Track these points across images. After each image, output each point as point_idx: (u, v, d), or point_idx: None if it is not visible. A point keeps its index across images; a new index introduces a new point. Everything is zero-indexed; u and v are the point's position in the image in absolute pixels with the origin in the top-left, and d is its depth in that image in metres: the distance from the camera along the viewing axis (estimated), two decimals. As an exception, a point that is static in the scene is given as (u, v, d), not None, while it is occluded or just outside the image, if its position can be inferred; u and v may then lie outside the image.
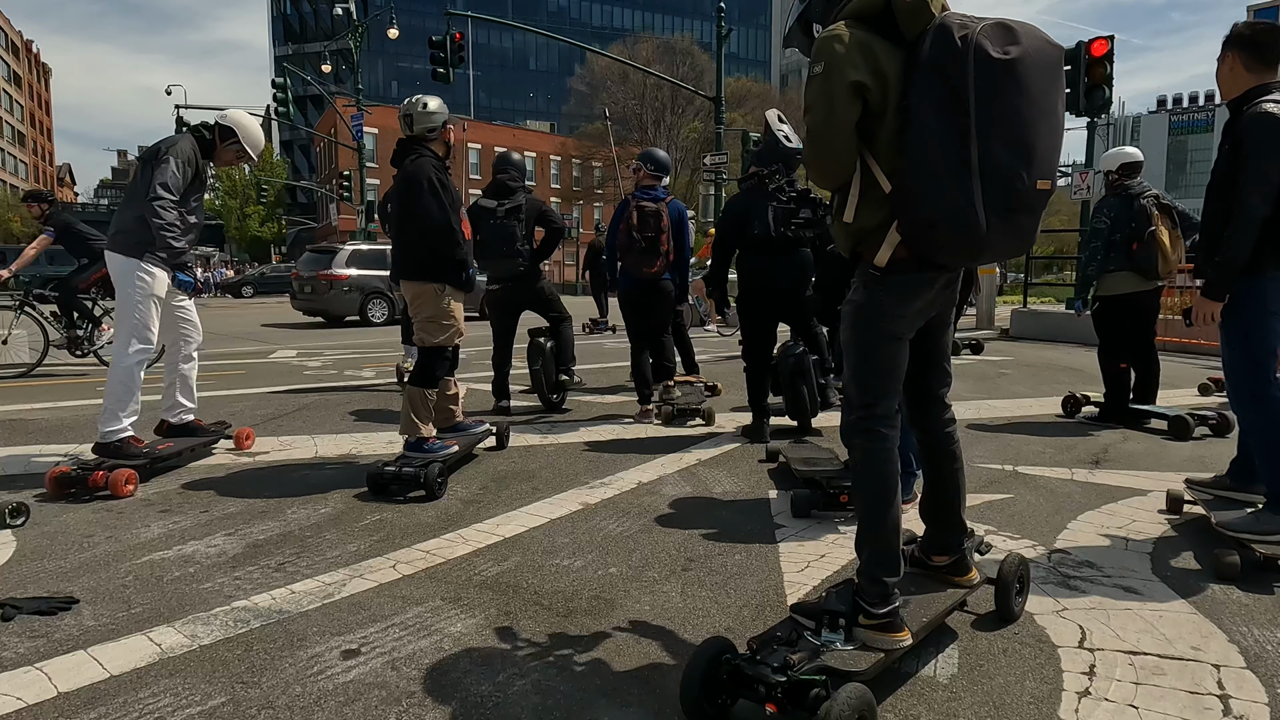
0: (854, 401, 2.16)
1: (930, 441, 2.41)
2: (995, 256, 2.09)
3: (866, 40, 1.98)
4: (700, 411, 5.63)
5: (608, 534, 3.33)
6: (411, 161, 4.08)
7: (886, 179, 2.02)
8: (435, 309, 4.16)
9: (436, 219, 4.00)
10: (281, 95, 24.21)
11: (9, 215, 53.82)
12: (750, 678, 1.90)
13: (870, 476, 2.13)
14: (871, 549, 2.10)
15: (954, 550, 2.40)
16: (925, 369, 2.31)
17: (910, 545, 2.49)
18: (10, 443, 4.95)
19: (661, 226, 5.53)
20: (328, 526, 3.41)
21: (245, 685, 2.12)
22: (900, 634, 2.06)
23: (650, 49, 46.54)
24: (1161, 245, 5.21)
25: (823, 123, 2.00)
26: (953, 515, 2.41)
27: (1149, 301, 5.55)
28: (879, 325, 2.11)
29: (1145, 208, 5.28)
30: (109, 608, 2.59)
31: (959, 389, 7.05)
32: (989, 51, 1.85)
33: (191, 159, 4.21)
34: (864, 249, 2.11)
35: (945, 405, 2.40)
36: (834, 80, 1.96)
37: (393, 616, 2.53)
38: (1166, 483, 3.96)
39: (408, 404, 4.12)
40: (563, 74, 67.49)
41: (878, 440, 2.12)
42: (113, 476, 3.78)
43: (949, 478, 2.40)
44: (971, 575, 2.42)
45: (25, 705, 2.01)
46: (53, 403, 6.30)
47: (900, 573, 2.12)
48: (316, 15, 69.92)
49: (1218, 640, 2.38)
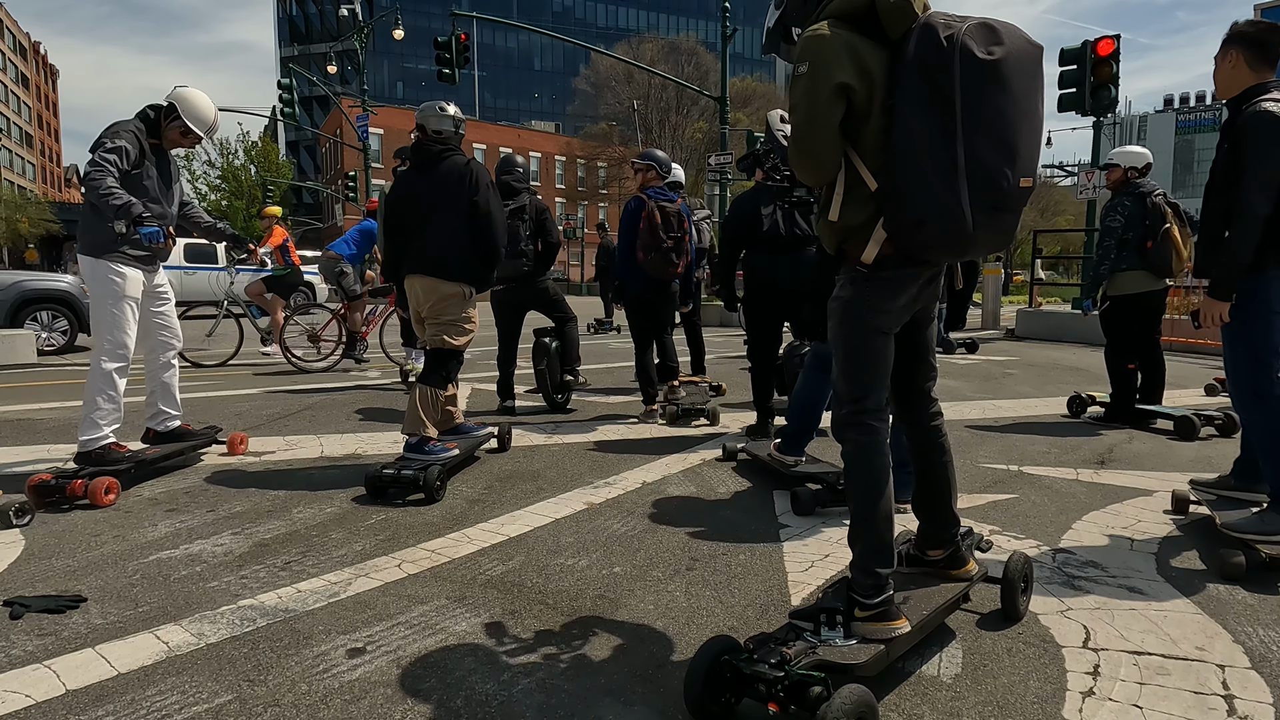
0: (844, 397, 2.18)
1: (918, 436, 2.43)
2: (978, 253, 2.14)
3: (851, 40, 1.98)
4: (705, 411, 5.64)
5: (612, 533, 3.34)
6: (466, 163, 4.11)
7: (872, 177, 2.03)
8: (460, 311, 4.18)
9: (500, 221, 4.08)
10: (287, 96, 24.24)
11: (17, 216, 54.00)
12: (749, 676, 1.91)
13: (863, 470, 2.15)
14: (864, 542, 2.13)
15: (949, 543, 2.43)
16: (910, 364, 2.34)
17: (905, 543, 2.52)
18: (18, 442, 4.98)
19: (684, 227, 5.55)
20: (333, 526, 3.43)
21: (251, 683, 2.13)
22: (898, 622, 2.08)
23: (655, 49, 46.51)
24: (1176, 243, 5.21)
25: (807, 123, 2.01)
26: (945, 509, 2.43)
27: (1156, 301, 5.54)
28: (866, 321, 2.13)
29: (1159, 205, 5.27)
30: (117, 606, 2.60)
31: (964, 389, 7.09)
32: (975, 52, 1.87)
33: (134, 138, 3.91)
34: (849, 246, 2.13)
35: (932, 399, 2.42)
36: (819, 81, 1.97)
37: (398, 615, 2.55)
38: (1172, 483, 3.96)
39: (415, 401, 4.10)
40: (567, 74, 67.53)
41: (869, 434, 2.14)
42: (92, 485, 3.61)
43: (939, 471, 2.42)
44: (969, 568, 2.44)
45: (35, 702, 2.03)
46: (60, 403, 6.34)
47: (893, 563, 2.14)
48: (322, 16, 70.11)
49: (1222, 640, 2.38)
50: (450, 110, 4.25)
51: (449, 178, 4.07)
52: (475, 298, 4.22)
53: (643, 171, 5.79)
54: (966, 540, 2.48)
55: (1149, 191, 5.34)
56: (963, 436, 5.15)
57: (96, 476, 3.69)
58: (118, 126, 3.95)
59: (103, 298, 3.98)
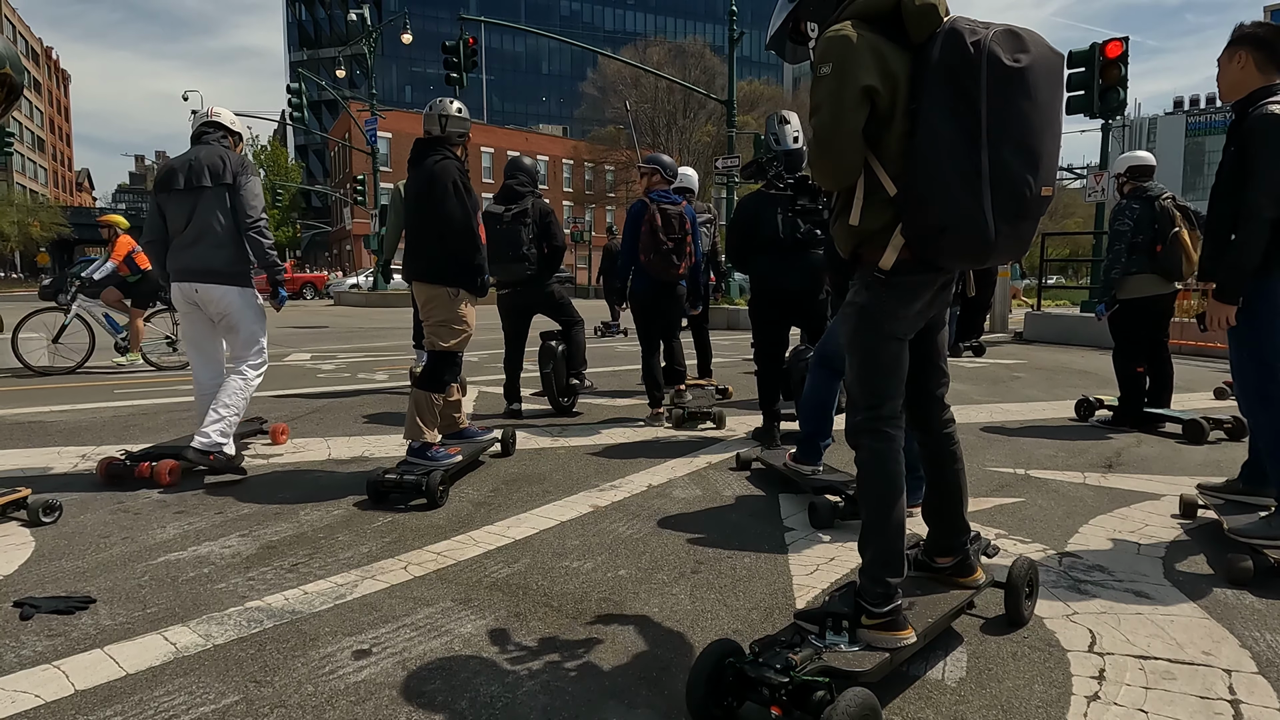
0: (860, 403, 2.16)
1: (931, 443, 2.41)
2: (997, 261, 2.12)
3: (875, 42, 1.96)
4: (711, 415, 5.64)
5: (617, 536, 3.34)
6: (436, 162, 4.03)
7: (892, 182, 2.02)
8: (448, 313, 4.12)
9: (459, 222, 3.97)
10: (296, 100, 24.40)
11: (29, 220, 54.42)
12: (754, 680, 1.91)
13: (877, 477, 2.13)
14: (875, 549, 2.10)
15: (958, 551, 2.40)
16: (922, 369, 2.32)
17: (913, 549, 2.48)
18: (30, 444, 5.02)
19: (686, 229, 5.56)
20: (340, 528, 3.45)
21: (258, 684, 2.14)
22: (904, 632, 2.06)
23: (662, 53, 46.63)
24: (1185, 246, 5.19)
25: (830, 125, 1.98)
26: (956, 516, 2.40)
27: (1165, 305, 5.52)
28: (882, 326, 2.11)
29: (1168, 209, 5.26)
30: (125, 607, 2.62)
31: (971, 393, 7.07)
32: (1002, 59, 1.86)
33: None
34: (866, 251, 2.12)
35: (944, 405, 2.40)
36: (844, 82, 1.94)
37: (404, 617, 2.56)
38: (1180, 487, 3.94)
39: (413, 407, 4.08)
40: (575, 78, 67.73)
41: (885, 440, 2.12)
42: (158, 467, 4.05)
43: (951, 478, 2.40)
44: (976, 576, 2.41)
45: (44, 702, 2.05)
46: (69, 405, 6.38)
47: (903, 573, 2.12)
48: (331, 21, 70.50)
49: (1229, 645, 2.37)
50: (450, 109, 4.17)
51: (420, 179, 4.06)
52: (465, 299, 4.13)
53: (648, 175, 5.82)
54: (974, 545, 2.46)
55: (1158, 195, 5.33)
56: (970, 440, 5.14)
57: (161, 459, 4.10)
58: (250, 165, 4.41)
59: (255, 321, 4.44)
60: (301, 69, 31.54)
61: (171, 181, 4.28)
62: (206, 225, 4.22)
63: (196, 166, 4.24)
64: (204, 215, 4.22)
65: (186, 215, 4.25)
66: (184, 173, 4.26)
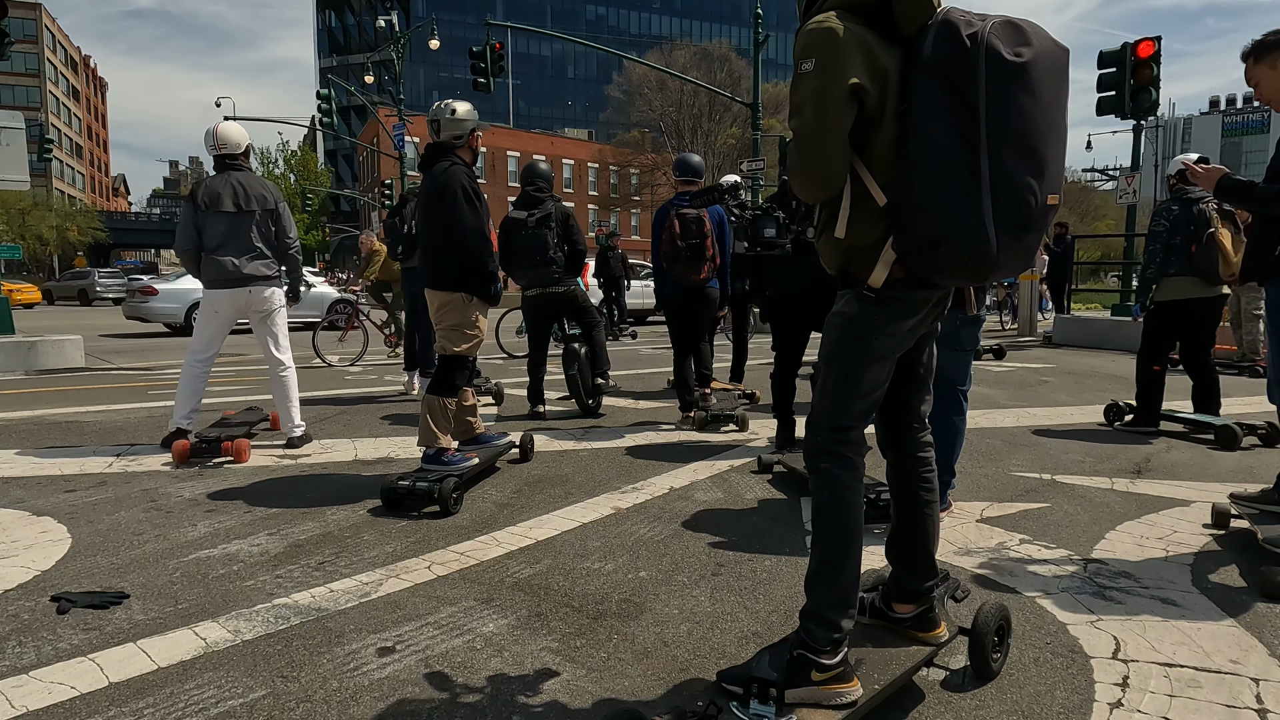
0: (823, 421, 1.92)
1: (903, 466, 2.15)
2: (998, 276, 1.87)
3: (863, 35, 1.75)
4: (734, 418, 5.65)
5: (639, 538, 3.36)
6: (443, 170, 4.01)
7: (881, 192, 1.81)
8: (460, 318, 4.10)
9: (470, 228, 3.95)
10: (326, 106, 24.72)
11: (67, 225, 55.65)
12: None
13: (836, 506, 1.90)
14: (829, 588, 1.88)
15: (922, 598, 2.12)
16: (905, 381, 2.07)
17: (871, 593, 2.23)
18: (67, 443, 5.15)
19: (704, 232, 5.57)
20: (365, 527, 3.50)
21: (285, 679, 2.19)
22: (851, 684, 1.86)
23: (687, 56, 46.58)
24: (1222, 247, 5.11)
25: (814, 128, 1.75)
26: (923, 556, 2.14)
27: (1211, 309, 5.42)
28: (869, 342, 1.89)
29: (1205, 210, 5.19)
30: (157, 603, 2.69)
31: (998, 397, 6.99)
32: (1002, 53, 1.67)
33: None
34: (855, 268, 1.90)
35: (924, 426, 2.15)
36: (829, 80, 1.73)
37: (427, 616, 2.59)
38: (1210, 494, 3.88)
39: (426, 413, 4.06)
40: (601, 82, 68.02)
41: (846, 467, 1.90)
42: (237, 444, 4.71)
43: (921, 510, 2.13)
44: (939, 632, 2.12)
45: (79, 694, 2.11)
46: (105, 405, 6.53)
47: (854, 614, 1.91)
48: (360, 28, 71.43)
49: (1258, 654, 2.33)
50: (444, 114, 4.08)
51: (430, 187, 4.05)
52: (477, 304, 4.11)
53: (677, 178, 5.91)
54: (941, 588, 2.17)
55: (1198, 198, 5.25)
56: (995, 444, 5.09)
57: (239, 438, 4.77)
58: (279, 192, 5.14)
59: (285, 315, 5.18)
60: (331, 75, 32.03)
61: (218, 203, 4.86)
62: (255, 242, 4.96)
63: (245, 194, 4.91)
64: (254, 234, 4.96)
65: (232, 232, 4.89)
66: (231, 197, 4.87)
